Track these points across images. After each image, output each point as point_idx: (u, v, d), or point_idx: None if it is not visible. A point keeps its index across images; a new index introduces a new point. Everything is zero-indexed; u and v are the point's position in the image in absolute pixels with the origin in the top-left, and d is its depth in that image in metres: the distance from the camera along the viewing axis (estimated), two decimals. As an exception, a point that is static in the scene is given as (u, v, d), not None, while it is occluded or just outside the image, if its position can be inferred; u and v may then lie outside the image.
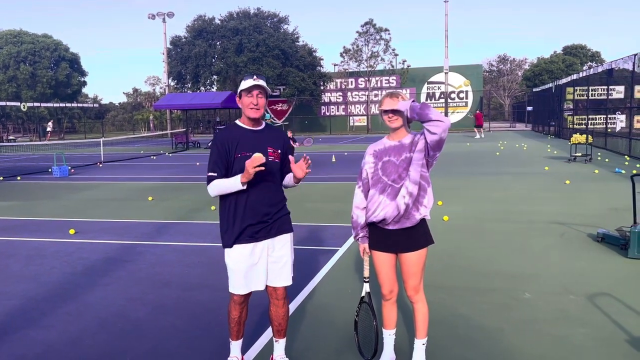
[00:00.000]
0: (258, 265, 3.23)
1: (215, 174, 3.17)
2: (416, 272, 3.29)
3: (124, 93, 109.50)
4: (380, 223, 3.26)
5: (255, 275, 3.23)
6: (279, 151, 3.28)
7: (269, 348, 3.72)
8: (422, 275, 3.34)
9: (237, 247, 3.20)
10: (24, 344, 4.00)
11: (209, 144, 28.99)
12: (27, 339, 4.08)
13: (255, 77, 3.16)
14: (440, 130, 3.02)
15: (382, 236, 3.29)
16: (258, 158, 2.99)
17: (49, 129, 44.73)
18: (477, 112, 34.54)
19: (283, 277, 3.30)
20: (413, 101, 3.12)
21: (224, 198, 3.24)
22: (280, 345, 3.46)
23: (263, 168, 3.00)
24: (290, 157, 3.26)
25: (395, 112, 3.17)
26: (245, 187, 3.10)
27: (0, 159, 25.17)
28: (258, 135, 3.24)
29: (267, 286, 3.32)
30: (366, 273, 3.48)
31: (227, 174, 3.16)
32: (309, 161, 3.17)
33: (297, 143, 17.97)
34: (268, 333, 3.98)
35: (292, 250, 3.37)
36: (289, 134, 17.91)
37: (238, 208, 3.18)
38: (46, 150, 30.90)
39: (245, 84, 3.16)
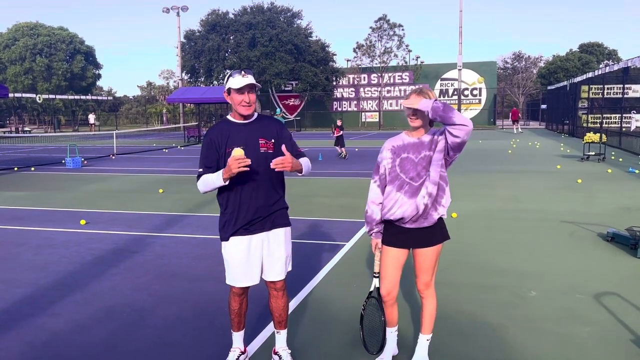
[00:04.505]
0: (253, 259, 3.23)
1: (201, 170, 3.15)
2: (429, 268, 3.28)
3: (138, 86, 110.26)
4: (397, 221, 3.22)
5: (250, 269, 3.23)
6: (272, 141, 3.20)
7: (271, 340, 3.74)
8: (435, 271, 3.33)
9: (233, 240, 3.20)
10: (32, 330, 4.07)
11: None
12: (35, 326, 4.15)
13: (243, 73, 3.06)
14: (463, 134, 2.96)
15: (397, 233, 3.25)
16: (238, 155, 2.87)
17: (92, 121, 45.76)
18: (513, 109, 37.23)
19: (277, 271, 3.29)
20: (435, 101, 2.99)
21: (220, 193, 3.23)
22: (281, 337, 3.47)
23: (247, 168, 2.91)
24: (282, 146, 3.10)
25: (417, 111, 3.09)
26: (227, 184, 3.01)
27: (15, 150, 25.51)
28: (249, 128, 3.18)
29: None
30: (377, 268, 3.44)
31: (217, 169, 3.11)
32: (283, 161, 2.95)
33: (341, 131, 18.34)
34: (271, 325, 3.99)
35: (288, 244, 3.34)
36: (339, 123, 18.30)
37: (232, 202, 3.18)
38: (60, 141, 31.22)
39: (235, 82, 3.05)
